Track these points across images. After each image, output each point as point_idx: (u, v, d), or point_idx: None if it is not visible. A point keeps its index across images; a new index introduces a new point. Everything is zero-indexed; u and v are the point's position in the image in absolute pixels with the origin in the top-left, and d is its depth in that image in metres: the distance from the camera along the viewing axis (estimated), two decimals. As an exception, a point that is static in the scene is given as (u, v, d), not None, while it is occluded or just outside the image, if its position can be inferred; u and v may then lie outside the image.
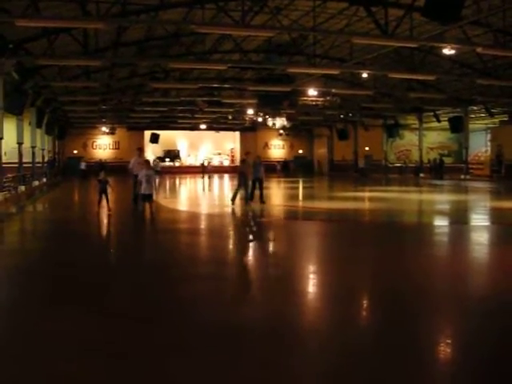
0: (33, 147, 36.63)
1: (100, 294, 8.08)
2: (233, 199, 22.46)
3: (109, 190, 19.62)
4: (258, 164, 23.92)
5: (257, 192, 23.19)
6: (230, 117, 53.96)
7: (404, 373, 5.11)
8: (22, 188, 29.57)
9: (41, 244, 13.62)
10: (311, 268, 10.45)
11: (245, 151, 33.13)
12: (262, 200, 22.77)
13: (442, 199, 28.52)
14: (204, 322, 6.60)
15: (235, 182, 24.33)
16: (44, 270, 9.98)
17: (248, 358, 5.53)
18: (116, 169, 52.57)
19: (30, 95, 32.58)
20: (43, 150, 41.65)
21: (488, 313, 7.11)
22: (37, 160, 38.56)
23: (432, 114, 49.09)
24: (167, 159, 65.61)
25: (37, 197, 29.27)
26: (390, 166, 56.63)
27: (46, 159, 43.26)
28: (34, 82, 31.48)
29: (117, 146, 64.91)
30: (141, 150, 22.17)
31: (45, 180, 39.85)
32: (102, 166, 44.89)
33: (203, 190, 37.87)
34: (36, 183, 35.65)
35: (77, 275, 9.39)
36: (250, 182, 23.07)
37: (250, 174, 23.04)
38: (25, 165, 33.11)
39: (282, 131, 63.70)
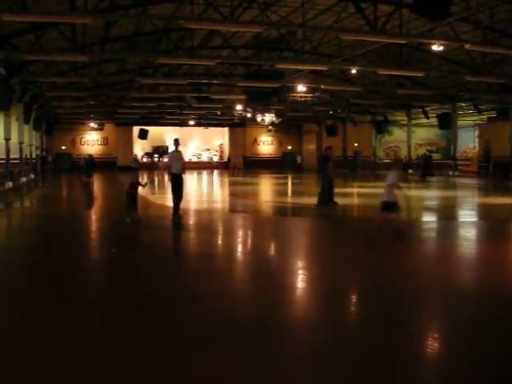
0: (20, 143, 36.43)
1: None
2: (324, 201, 19.50)
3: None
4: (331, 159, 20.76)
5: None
6: (218, 113, 53.89)
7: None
8: (10, 184, 29.45)
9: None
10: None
11: (325, 145, 27.47)
12: (334, 200, 19.84)
13: (430, 195, 28.59)
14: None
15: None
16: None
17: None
18: (104, 164, 52.55)
19: (17, 91, 32.39)
20: (31, 145, 41.43)
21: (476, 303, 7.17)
22: (25, 156, 38.37)
23: (420, 110, 49.20)
24: (156, 155, 65.44)
25: (25, 193, 29.02)
26: (379, 162, 56.76)
27: (33, 155, 42.77)
28: (21, 78, 31.28)
29: (105, 141, 64.77)
30: (178, 141, 17.59)
31: (33, 176, 39.62)
32: (92, 162, 40.17)
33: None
34: (23, 179, 35.49)
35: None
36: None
37: (332, 171, 19.95)
38: (13, 161, 32.92)
39: (270, 127, 63.73)
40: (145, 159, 62.33)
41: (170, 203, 18.23)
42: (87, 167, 38.52)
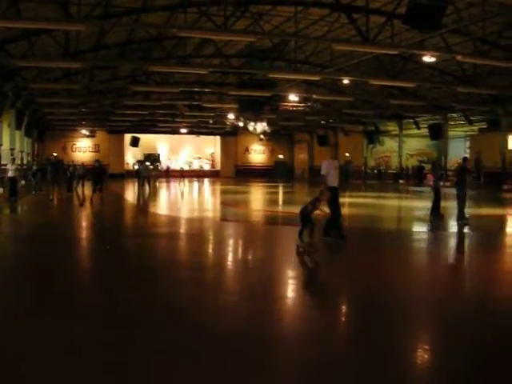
0: (12, 149, 36.33)
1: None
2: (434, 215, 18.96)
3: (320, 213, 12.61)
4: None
5: None
6: (210, 121, 53.92)
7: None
8: (1, 190, 29.34)
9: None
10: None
11: (463, 156, 23.88)
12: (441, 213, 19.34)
13: (420, 205, 28.61)
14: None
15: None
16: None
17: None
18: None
19: (10, 97, 32.37)
20: (22, 152, 41.30)
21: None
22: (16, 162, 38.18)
23: (412, 120, 49.45)
24: (147, 163, 65.20)
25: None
26: (369, 172, 56.89)
27: (25, 161, 42.38)
28: (14, 84, 31.26)
29: (97, 148, 64.49)
30: (336, 146, 14.00)
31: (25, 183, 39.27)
32: (102, 169, 30.76)
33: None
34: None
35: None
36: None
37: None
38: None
39: (262, 136, 63.71)
40: (136, 166, 62.04)
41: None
42: (95, 177, 27.87)
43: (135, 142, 57.72)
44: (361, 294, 8.57)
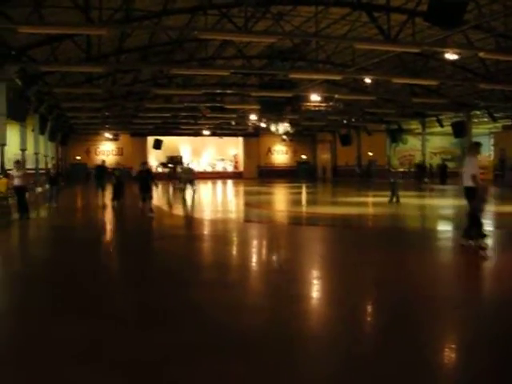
0: (36, 153, 36.69)
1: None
2: None
3: None
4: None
5: None
6: (233, 122, 53.96)
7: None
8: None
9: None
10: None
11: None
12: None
13: (444, 204, 28.37)
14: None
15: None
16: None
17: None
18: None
19: (33, 102, 32.68)
20: (46, 156, 41.70)
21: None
22: (40, 166, 38.53)
23: (435, 118, 49.05)
24: (170, 165, 65.47)
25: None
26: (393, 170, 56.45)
27: (49, 165, 42.64)
28: (37, 89, 31.57)
29: (120, 152, 64.99)
30: (478, 146, 12.55)
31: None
32: (150, 173, 22.45)
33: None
34: (39, 190, 35.60)
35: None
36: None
37: None
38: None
39: (285, 137, 63.66)
40: (160, 169, 62.23)
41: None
42: (142, 184, 21.43)
43: (158, 145, 58.01)
44: None
